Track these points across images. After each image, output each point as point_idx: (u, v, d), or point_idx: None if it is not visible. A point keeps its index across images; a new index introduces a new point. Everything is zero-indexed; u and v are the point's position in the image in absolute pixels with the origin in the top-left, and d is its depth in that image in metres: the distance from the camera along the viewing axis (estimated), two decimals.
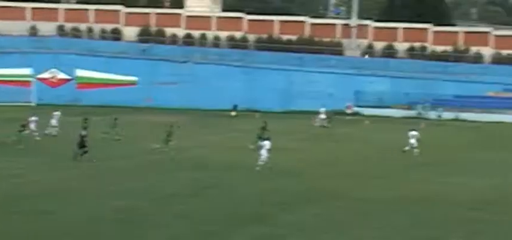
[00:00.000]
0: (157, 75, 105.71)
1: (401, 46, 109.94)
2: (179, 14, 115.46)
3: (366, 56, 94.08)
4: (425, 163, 51.17)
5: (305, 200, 35.98)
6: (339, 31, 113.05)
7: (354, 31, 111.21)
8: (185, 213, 31.96)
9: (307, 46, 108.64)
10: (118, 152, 51.76)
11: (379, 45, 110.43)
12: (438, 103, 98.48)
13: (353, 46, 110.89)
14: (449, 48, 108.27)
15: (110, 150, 52.49)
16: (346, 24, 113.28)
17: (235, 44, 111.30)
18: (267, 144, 45.87)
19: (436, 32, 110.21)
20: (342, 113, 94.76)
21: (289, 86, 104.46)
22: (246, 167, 46.16)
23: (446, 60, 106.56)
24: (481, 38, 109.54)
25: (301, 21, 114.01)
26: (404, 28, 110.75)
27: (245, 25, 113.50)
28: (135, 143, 57.07)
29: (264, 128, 55.65)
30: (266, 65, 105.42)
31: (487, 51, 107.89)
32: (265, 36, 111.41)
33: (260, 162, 44.92)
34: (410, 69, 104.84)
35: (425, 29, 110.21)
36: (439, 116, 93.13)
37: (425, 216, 32.97)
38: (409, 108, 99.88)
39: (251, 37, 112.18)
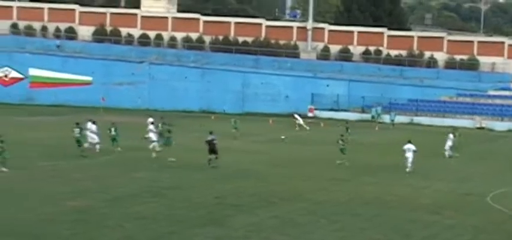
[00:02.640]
0: (112, 76, 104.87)
1: (356, 50, 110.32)
2: (135, 14, 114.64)
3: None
4: (381, 167, 51.24)
5: (263, 202, 35.76)
6: (295, 34, 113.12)
7: (310, 34, 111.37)
8: (142, 214, 31.57)
9: (263, 48, 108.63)
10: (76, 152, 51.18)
11: (335, 48, 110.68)
12: (393, 107, 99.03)
13: (309, 49, 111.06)
14: (404, 52, 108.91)
15: (70, 150, 51.87)
16: (303, 27, 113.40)
17: (192, 45, 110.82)
18: None
19: (391, 36, 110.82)
20: (303, 116, 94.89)
21: (245, 88, 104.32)
22: (204, 168, 45.88)
23: (401, 65, 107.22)
24: (435, 43, 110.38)
25: (258, 23, 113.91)
26: (360, 32, 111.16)
27: (201, 26, 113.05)
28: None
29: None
30: (222, 67, 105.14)
31: (441, 56, 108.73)
32: (221, 37, 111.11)
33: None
34: (365, 72, 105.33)
35: (380, 33, 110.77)
36: (393, 120, 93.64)
37: (384, 220, 32.93)
38: (364, 111, 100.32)
39: (207, 38, 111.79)
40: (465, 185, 44.95)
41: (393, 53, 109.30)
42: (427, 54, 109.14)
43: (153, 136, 52.91)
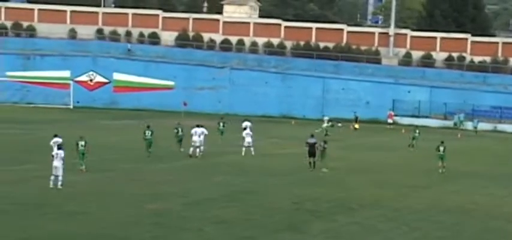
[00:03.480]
0: (194, 80, 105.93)
1: (439, 56, 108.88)
2: (217, 20, 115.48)
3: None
4: (463, 174, 50.40)
5: (341, 207, 35.49)
6: (376, 39, 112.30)
7: (392, 40, 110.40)
8: (221, 218, 31.65)
9: (344, 54, 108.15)
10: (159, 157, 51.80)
11: (417, 54, 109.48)
12: (476, 114, 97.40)
13: (391, 55, 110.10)
14: (487, 58, 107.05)
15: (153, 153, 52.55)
16: (384, 33, 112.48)
17: (273, 50, 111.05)
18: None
19: (474, 42, 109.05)
20: (382, 122, 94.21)
21: (325, 94, 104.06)
22: (282, 173, 45.87)
23: (485, 71, 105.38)
24: None
25: (339, 29, 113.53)
26: (443, 38, 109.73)
27: (282, 31, 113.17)
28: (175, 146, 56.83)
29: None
30: (303, 72, 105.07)
31: None
32: (302, 42, 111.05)
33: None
34: (448, 79, 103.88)
35: (464, 38, 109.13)
36: (476, 127, 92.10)
37: (464, 228, 32.33)
38: (446, 118, 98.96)
39: (288, 43, 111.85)
40: None
41: (477, 59, 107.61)
42: None
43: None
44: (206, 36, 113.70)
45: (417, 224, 32.50)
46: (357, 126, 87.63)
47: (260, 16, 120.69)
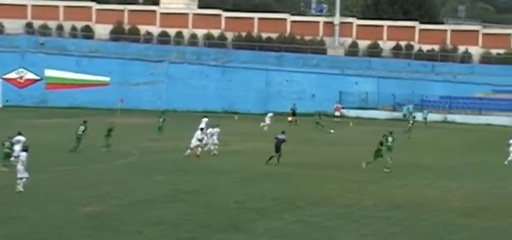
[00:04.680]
0: (130, 76, 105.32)
1: (386, 45, 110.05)
2: (154, 11, 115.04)
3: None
4: (413, 167, 51.06)
5: (287, 205, 35.68)
6: (321, 29, 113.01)
7: (337, 29, 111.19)
8: (162, 219, 31.61)
9: (288, 44, 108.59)
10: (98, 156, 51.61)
11: (363, 43, 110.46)
12: (425, 104, 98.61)
13: (336, 44, 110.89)
14: (436, 47, 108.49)
15: (88, 153, 52.33)
16: (329, 22, 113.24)
17: (213, 42, 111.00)
18: None
19: (422, 30, 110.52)
20: (329, 115, 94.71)
21: (268, 87, 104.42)
22: (226, 171, 45.95)
23: (433, 60, 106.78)
24: (470, 37, 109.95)
25: (282, 19, 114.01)
26: (389, 26, 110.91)
27: (223, 22, 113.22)
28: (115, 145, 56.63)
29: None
30: (244, 64, 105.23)
31: (475, 51, 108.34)
32: (244, 34, 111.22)
33: None
34: (395, 68, 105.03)
35: (411, 26, 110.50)
36: (425, 118, 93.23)
37: (414, 224, 32.75)
38: (395, 109, 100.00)
39: (229, 35, 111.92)
40: (502, 185, 44.59)
41: (425, 47, 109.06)
42: (461, 48, 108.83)
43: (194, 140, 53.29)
44: (142, 28, 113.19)
45: (366, 221, 32.86)
46: (290, 118, 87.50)
47: (199, 7, 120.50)
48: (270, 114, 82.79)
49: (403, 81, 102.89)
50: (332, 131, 78.12)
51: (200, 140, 53.44)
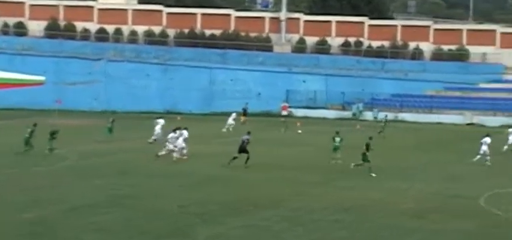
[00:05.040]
0: (66, 75, 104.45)
1: (335, 41, 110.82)
2: (91, 7, 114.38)
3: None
4: (362, 169, 51.52)
5: (232, 209, 35.84)
6: (267, 25, 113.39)
7: (284, 25, 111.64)
8: (101, 226, 31.58)
9: (232, 41, 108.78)
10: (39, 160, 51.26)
11: (311, 40, 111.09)
12: (375, 103, 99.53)
13: (283, 41, 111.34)
14: (386, 43, 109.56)
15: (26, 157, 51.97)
16: (275, 18, 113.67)
17: (154, 39, 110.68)
18: None
19: (372, 26, 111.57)
20: (276, 115, 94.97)
21: (212, 85, 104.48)
22: (168, 175, 45.93)
23: (384, 57, 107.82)
24: (421, 33, 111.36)
25: (226, 15, 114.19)
26: (338, 22, 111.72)
27: (164, 19, 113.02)
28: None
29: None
30: (187, 62, 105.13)
31: (426, 47, 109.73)
32: (186, 30, 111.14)
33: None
34: (344, 66, 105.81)
35: (360, 22, 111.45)
36: (376, 117, 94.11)
37: (362, 226, 33.13)
38: (344, 108, 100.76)
39: (171, 32, 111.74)
40: (453, 186, 45.26)
41: (375, 44, 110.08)
42: (412, 44, 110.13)
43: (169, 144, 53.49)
44: (79, 25, 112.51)
45: (314, 224, 33.13)
46: (242, 119, 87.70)
47: (139, 2, 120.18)
48: (233, 115, 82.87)
49: (353, 79, 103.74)
50: (299, 131, 78.53)
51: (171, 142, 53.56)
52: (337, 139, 53.17)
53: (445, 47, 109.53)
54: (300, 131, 78.03)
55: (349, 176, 47.81)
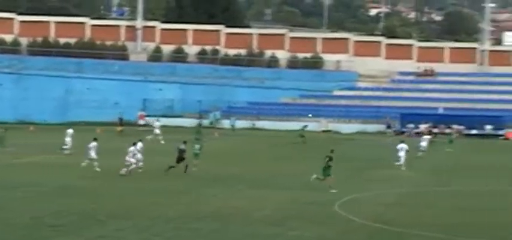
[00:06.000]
0: None
1: (191, 49, 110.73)
2: None
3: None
4: (221, 177, 51.49)
5: (88, 220, 35.08)
6: (123, 33, 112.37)
7: (140, 33, 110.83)
8: None
9: (87, 50, 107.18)
10: None
11: (168, 48, 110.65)
12: (232, 111, 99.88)
13: (139, 50, 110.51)
14: (243, 51, 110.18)
15: None
16: (131, 26, 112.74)
17: (5, 48, 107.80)
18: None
19: (228, 34, 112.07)
20: (133, 124, 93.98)
21: (68, 95, 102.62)
22: (20, 186, 44.66)
23: (240, 65, 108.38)
24: (276, 41, 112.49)
25: (81, 23, 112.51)
26: (195, 30, 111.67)
27: (16, 27, 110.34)
28: None
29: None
30: (41, 72, 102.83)
31: (282, 55, 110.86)
32: (39, 39, 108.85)
33: None
34: (201, 74, 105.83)
35: (216, 30, 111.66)
36: (233, 125, 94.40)
37: (221, 235, 32.99)
38: (201, 116, 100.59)
39: (23, 40, 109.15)
40: (310, 193, 45.63)
41: (231, 52, 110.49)
42: (268, 52, 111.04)
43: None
44: None
45: (171, 234, 32.81)
46: (119, 129, 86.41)
47: None
48: (157, 123, 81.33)
49: (209, 87, 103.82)
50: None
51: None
52: (197, 146, 53.52)
53: (301, 55, 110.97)
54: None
55: (208, 184, 47.66)
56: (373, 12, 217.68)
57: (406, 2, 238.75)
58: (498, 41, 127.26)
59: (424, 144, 69.34)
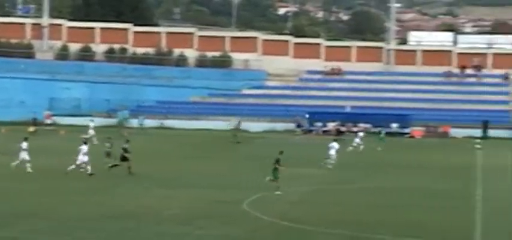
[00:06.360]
0: None
1: (99, 48, 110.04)
2: None
3: None
4: (131, 176, 51.55)
5: None
6: (28, 31, 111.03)
7: (46, 31, 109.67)
8: None
9: None
10: None
11: (75, 46, 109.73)
12: (141, 110, 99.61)
13: (45, 48, 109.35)
14: (151, 50, 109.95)
15: None
16: (37, 24, 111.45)
17: None
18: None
19: (137, 33, 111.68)
20: (41, 124, 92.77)
21: None
22: None
23: (149, 63, 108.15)
24: (185, 39, 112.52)
25: None
26: (102, 28, 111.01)
27: None
28: None
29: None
30: None
31: (191, 54, 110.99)
32: None
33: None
34: (108, 73, 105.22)
35: (125, 29, 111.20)
36: (141, 124, 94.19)
37: (132, 235, 33.22)
38: (110, 115, 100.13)
39: None
40: (219, 192, 46.13)
41: (140, 51, 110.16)
42: (177, 51, 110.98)
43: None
44: None
45: (81, 234, 32.93)
46: (31, 129, 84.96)
47: None
48: (92, 124, 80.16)
49: (118, 86, 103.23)
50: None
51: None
52: (107, 145, 54.15)
53: (209, 54, 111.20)
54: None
55: (116, 183, 47.74)
56: (281, 11, 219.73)
57: (314, 2, 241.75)
58: (404, 41, 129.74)
59: (358, 140, 73.99)
